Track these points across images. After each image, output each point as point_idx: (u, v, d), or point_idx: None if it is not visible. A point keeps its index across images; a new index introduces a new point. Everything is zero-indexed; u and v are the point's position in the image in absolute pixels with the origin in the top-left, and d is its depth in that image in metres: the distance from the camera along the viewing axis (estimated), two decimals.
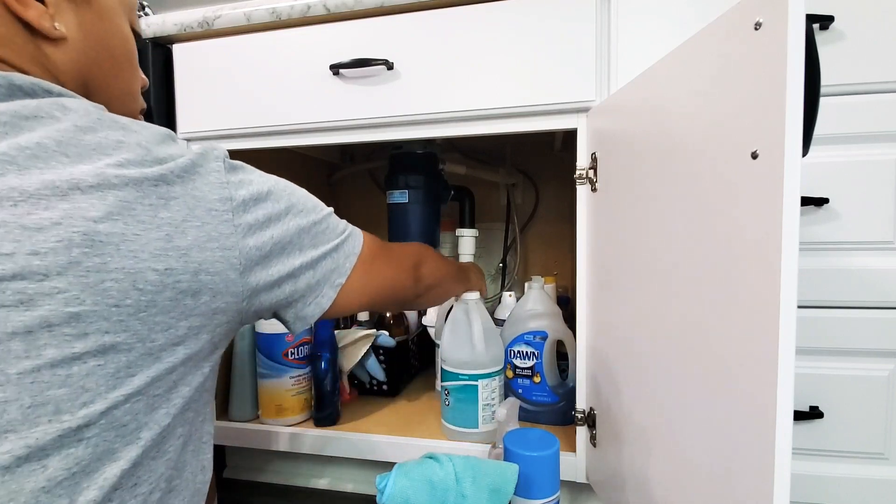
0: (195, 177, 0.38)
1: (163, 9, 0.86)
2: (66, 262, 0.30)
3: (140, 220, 0.34)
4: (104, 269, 0.32)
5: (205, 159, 0.40)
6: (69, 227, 0.31)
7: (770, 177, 0.34)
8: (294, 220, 0.45)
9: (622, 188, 0.59)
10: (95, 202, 0.32)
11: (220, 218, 0.38)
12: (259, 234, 0.41)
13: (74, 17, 0.40)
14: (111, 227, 0.32)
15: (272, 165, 1.06)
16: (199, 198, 0.37)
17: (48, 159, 0.32)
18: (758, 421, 0.36)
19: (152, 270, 0.34)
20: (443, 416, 0.80)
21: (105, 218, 0.32)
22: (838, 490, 0.68)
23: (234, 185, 0.40)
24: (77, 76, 0.41)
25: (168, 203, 0.35)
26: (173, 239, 0.35)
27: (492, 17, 0.70)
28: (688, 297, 0.45)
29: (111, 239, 0.32)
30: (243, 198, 0.40)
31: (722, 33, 0.40)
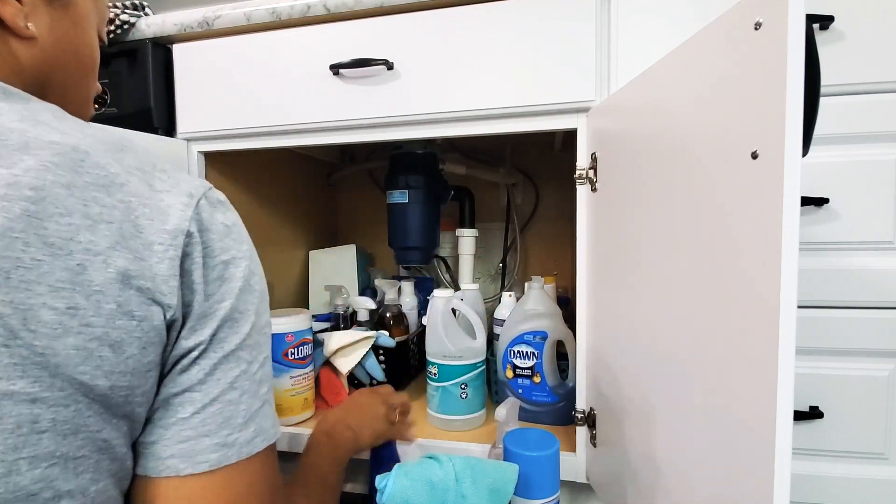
0: (145, 204, 0.33)
1: (163, 9, 0.86)
2: None
3: (48, 243, 0.28)
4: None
5: (175, 182, 0.36)
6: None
7: (770, 177, 0.34)
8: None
9: (622, 188, 0.59)
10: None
11: (164, 254, 0.33)
12: (220, 293, 0.36)
13: (49, 19, 0.39)
14: (4, 248, 0.27)
15: (272, 165, 1.07)
16: (143, 227, 0.32)
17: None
18: (758, 421, 0.36)
19: (49, 308, 0.28)
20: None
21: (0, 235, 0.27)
22: (838, 490, 0.68)
23: (200, 234, 0.35)
24: (36, 76, 0.39)
25: (95, 225, 0.30)
26: (86, 270, 0.29)
27: (492, 17, 0.70)
28: (688, 297, 0.45)
29: (2, 264, 0.27)
30: (204, 248, 0.35)
31: (722, 33, 0.40)
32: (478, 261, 1.23)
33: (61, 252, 0.29)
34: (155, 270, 0.32)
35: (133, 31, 0.81)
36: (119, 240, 0.31)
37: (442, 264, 1.24)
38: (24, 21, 0.37)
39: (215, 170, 0.89)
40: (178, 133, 0.84)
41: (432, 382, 0.84)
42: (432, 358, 0.83)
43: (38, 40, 0.39)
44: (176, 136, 0.84)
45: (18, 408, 0.27)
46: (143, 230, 0.32)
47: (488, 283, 1.27)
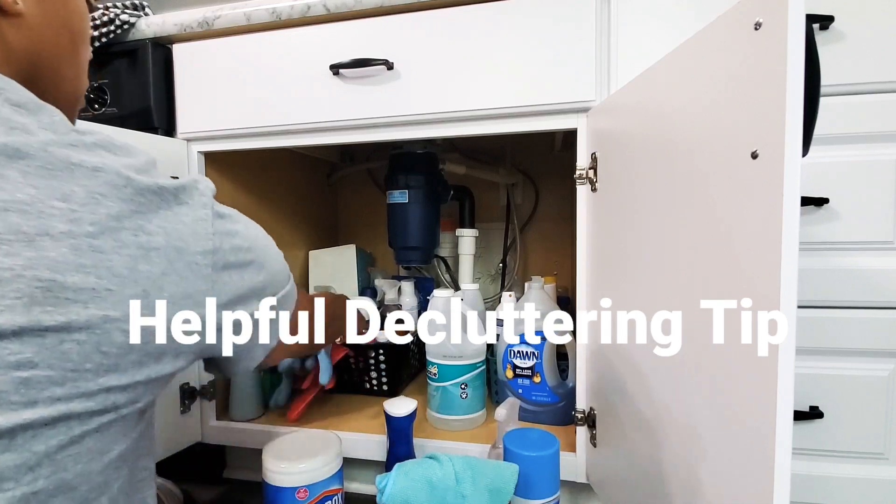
0: (179, 223, 0.34)
1: (163, 9, 0.86)
2: (25, 322, 0.27)
3: (116, 274, 0.30)
4: (66, 328, 0.28)
5: (190, 197, 0.36)
6: (31, 281, 0.27)
7: (770, 177, 0.34)
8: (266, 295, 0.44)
9: (622, 188, 0.59)
10: (65, 250, 0.28)
11: (199, 273, 0.35)
12: (231, 284, 0.39)
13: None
14: (82, 281, 0.28)
15: (272, 165, 1.07)
16: (182, 249, 0.34)
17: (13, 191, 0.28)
18: (758, 421, 0.36)
19: (121, 331, 0.30)
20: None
21: (75, 270, 0.28)
22: (838, 490, 0.68)
23: (220, 235, 0.37)
24: (27, 56, 0.36)
25: (148, 254, 0.32)
26: (150, 295, 0.31)
27: (492, 18, 0.70)
28: (688, 297, 0.45)
29: (79, 296, 0.28)
30: (227, 252, 0.37)
31: (722, 33, 0.40)
32: (478, 261, 1.23)
33: (128, 280, 0.31)
34: (197, 286, 0.35)
35: (133, 31, 0.81)
36: (168, 265, 0.33)
37: (442, 264, 1.24)
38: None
39: (215, 170, 0.89)
40: (178, 133, 0.84)
41: (432, 382, 0.84)
42: (432, 358, 0.83)
43: (25, 16, 0.36)
44: (176, 136, 0.84)
45: (70, 423, 0.29)
46: (182, 253, 0.34)
47: (488, 283, 1.27)
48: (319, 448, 0.65)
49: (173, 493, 0.80)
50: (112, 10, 0.81)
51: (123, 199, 0.31)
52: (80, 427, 0.30)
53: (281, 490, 0.62)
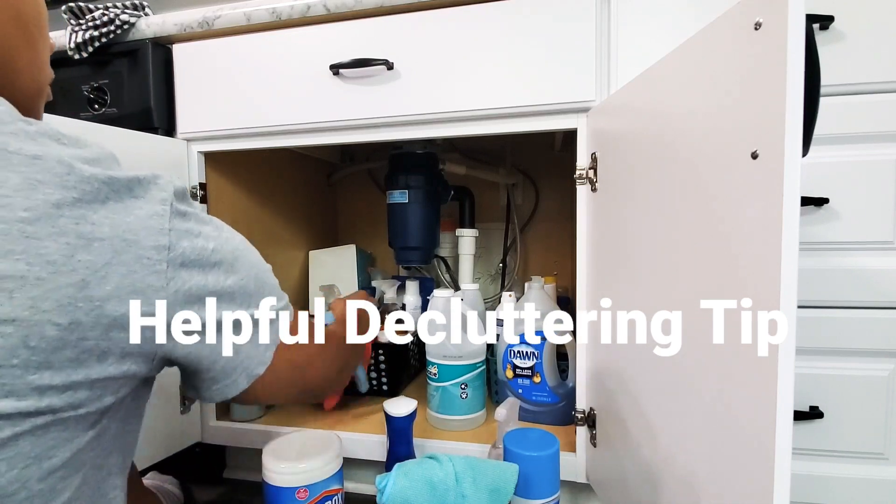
0: (129, 216, 0.32)
1: (163, 9, 0.86)
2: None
3: (50, 262, 0.28)
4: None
5: (146, 191, 0.33)
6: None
7: (770, 177, 0.34)
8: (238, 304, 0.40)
9: (622, 188, 0.59)
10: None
11: (151, 268, 0.32)
12: (190, 283, 0.35)
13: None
14: (9, 268, 0.27)
15: (272, 165, 1.07)
16: (132, 241, 0.31)
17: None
18: (758, 421, 0.36)
19: (53, 325, 0.28)
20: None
21: (3, 256, 0.27)
22: (838, 490, 0.68)
23: (179, 233, 0.34)
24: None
25: (90, 244, 0.30)
26: (88, 287, 0.29)
27: (492, 18, 0.70)
28: (688, 296, 0.45)
29: (5, 284, 0.27)
30: (186, 251, 0.35)
31: (722, 33, 0.40)
32: (478, 261, 1.23)
33: (63, 269, 0.29)
34: (147, 282, 0.33)
35: (133, 31, 0.81)
36: (113, 256, 0.31)
37: (442, 264, 1.24)
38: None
39: (215, 170, 0.89)
40: (178, 133, 0.84)
41: (432, 382, 0.84)
42: (432, 358, 0.83)
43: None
44: (176, 136, 0.84)
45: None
46: (132, 244, 0.32)
47: (488, 283, 1.27)
48: (319, 448, 0.65)
49: (173, 494, 0.80)
50: (112, 10, 0.81)
51: (65, 186, 0.29)
52: (11, 429, 0.28)
53: (281, 490, 0.62)
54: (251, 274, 0.41)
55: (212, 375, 0.41)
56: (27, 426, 0.29)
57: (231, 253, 0.39)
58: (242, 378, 0.42)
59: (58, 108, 0.78)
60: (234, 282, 0.39)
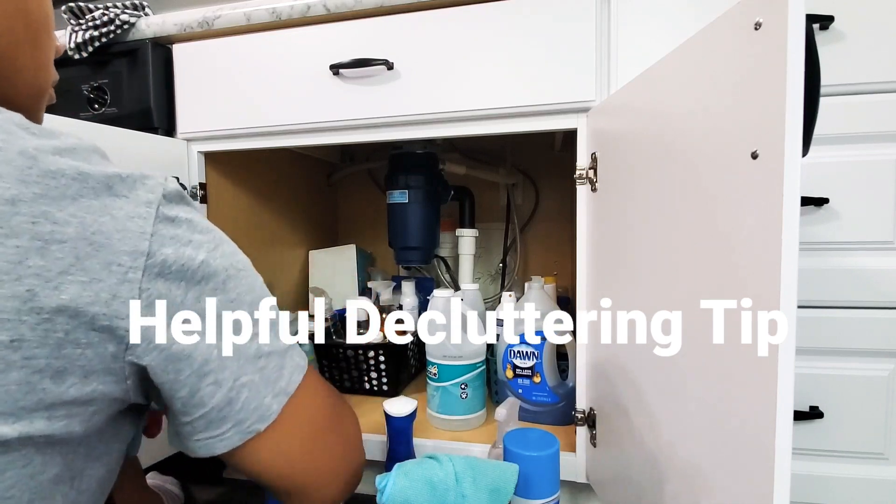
0: (104, 216, 0.28)
1: (163, 9, 0.86)
2: None
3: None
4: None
5: (130, 191, 0.29)
6: None
7: (770, 177, 0.34)
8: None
9: (622, 188, 0.59)
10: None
11: (121, 276, 0.28)
12: (177, 300, 0.31)
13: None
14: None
15: (272, 165, 1.07)
16: (100, 245, 0.27)
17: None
18: (758, 421, 0.36)
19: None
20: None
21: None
22: (838, 490, 0.68)
23: (163, 238, 0.30)
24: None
25: (46, 247, 0.26)
26: (36, 297, 0.25)
27: (492, 18, 0.70)
28: (688, 297, 0.45)
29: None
30: (169, 259, 0.30)
31: (722, 33, 0.40)
32: (478, 261, 1.23)
33: (7, 278, 0.25)
34: (114, 291, 0.28)
35: (133, 31, 0.81)
36: (73, 261, 0.27)
37: (442, 264, 1.24)
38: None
39: (215, 170, 0.89)
40: (178, 133, 0.84)
41: (432, 382, 0.84)
42: (432, 358, 0.83)
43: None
44: (176, 136, 0.84)
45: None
46: (100, 248, 0.28)
47: (488, 283, 1.27)
48: None
49: (173, 493, 0.80)
50: (112, 10, 0.81)
51: (24, 180, 0.26)
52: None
53: None
54: (245, 300, 0.35)
55: (191, 420, 0.34)
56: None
57: (224, 270, 0.34)
58: (233, 434, 0.35)
59: (58, 108, 0.78)
60: (226, 300, 0.34)
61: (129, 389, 0.31)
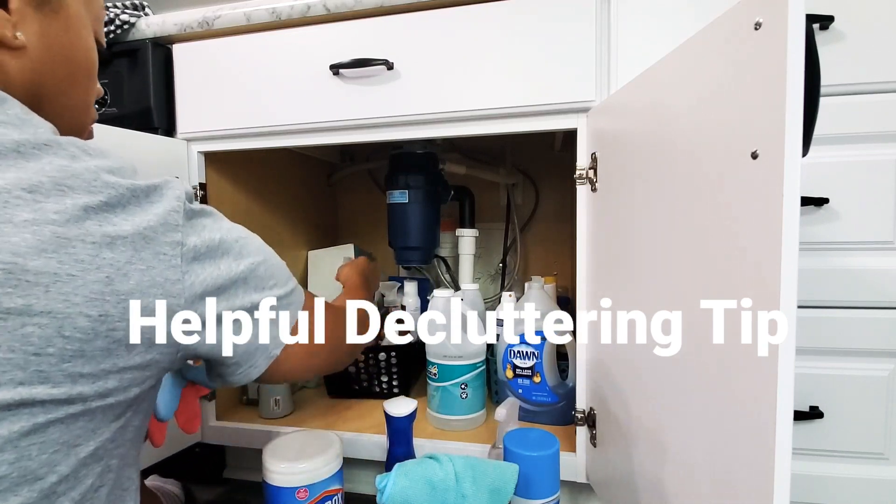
0: (148, 216, 0.35)
1: (163, 9, 0.86)
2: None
3: (78, 260, 0.31)
4: (27, 311, 0.29)
5: (161, 196, 0.37)
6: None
7: (770, 177, 0.34)
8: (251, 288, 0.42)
9: (622, 188, 0.59)
10: (28, 236, 0.29)
11: (168, 263, 0.35)
12: (204, 274, 0.38)
13: (38, 26, 0.38)
14: (43, 264, 0.30)
15: (272, 165, 1.07)
16: (149, 238, 0.34)
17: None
18: (758, 421, 0.36)
19: (84, 316, 0.31)
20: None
21: (37, 254, 0.29)
22: (838, 490, 0.68)
23: (189, 227, 0.37)
24: (28, 86, 0.38)
25: (113, 242, 0.33)
26: (114, 282, 0.32)
27: (492, 17, 0.70)
28: (687, 297, 0.45)
29: (41, 279, 0.29)
30: (197, 244, 0.38)
31: (722, 33, 0.40)
32: (478, 261, 1.23)
33: (90, 266, 0.32)
34: (166, 276, 0.35)
35: (133, 31, 0.81)
36: (133, 254, 0.34)
37: (442, 264, 1.24)
38: (12, 31, 0.36)
39: (215, 170, 0.89)
40: (178, 133, 0.84)
41: (432, 382, 0.84)
42: (432, 358, 0.83)
43: (27, 49, 0.38)
44: (176, 136, 0.84)
45: (34, 410, 0.30)
46: (150, 241, 0.35)
47: (488, 283, 1.27)
48: (319, 448, 0.65)
49: (173, 494, 0.80)
50: (112, 10, 0.81)
51: (91, 191, 0.32)
52: (45, 415, 0.30)
53: (281, 490, 0.62)
54: (258, 259, 0.44)
55: (234, 361, 0.44)
56: (60, 414, 0.31)
57: (235, 241, 0.42)
58: (262, 360, 0.45)
59: None
60: (246, 267, 0.42)
61: (176, 360, 0.39)
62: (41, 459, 0.30)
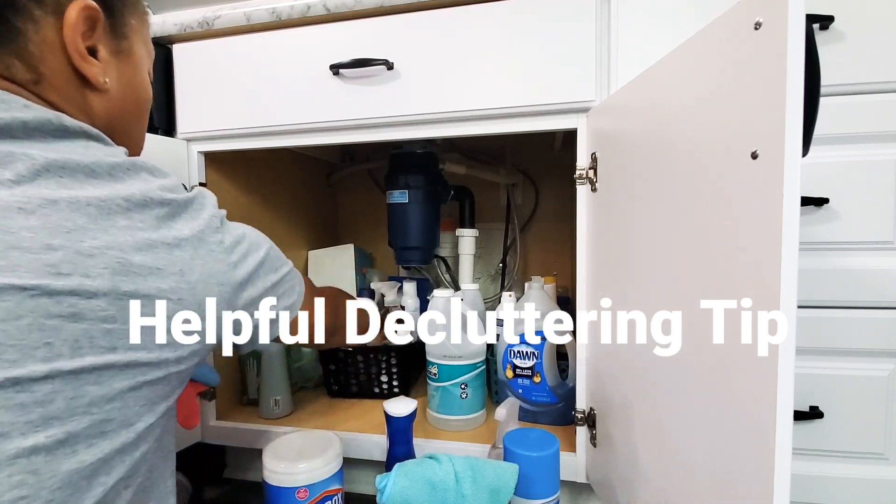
0: (198, 220, 0.43)
1: (163, 9, 0.86)
2: (109, 286, 0.35)
3: (160, 256, 0.38)
4: (135, 294, 0.36)
5: (202, 206, 0.44)
6: (112, 258, 0.36)
7: (770, 177, 0.34)
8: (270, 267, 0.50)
9: (622, 188, 0.59)
10: (128, 237, 0.37)
11: (217, 258, 0.43)
12: (242, 265, 0.46)
13: (116, 71, 0.45)
14: (141, 259, 0.37)
15: (272, 165, 1.07)
16: (201, 239, 0.42)
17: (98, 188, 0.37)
18: (758, 421, 0.36)
19: (168, 299, 0.38)
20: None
21: (136, 251, 0.37)
22: (838, 490, 0.68)
23: (225, 229, 0.45)
24: (107, 121, 0.45)
25: (180, 244, 0.40)
26: (185, 274, 0.40)
27: (492, 17, 0.70)
28: (688, 297, 0.45)
29: (141, 270, 0.37)
30: (232, 241, 0.46)
31: (722, 33, 0.40)
32: (478, 261, 1.23)
33: (168, 261, 0.39)
34: (217, 267, 0.43)
35: None
36: (194, 251, 0.41)
37: (442, 264, 1.24)
38: (102, 77, 0.43)
39: (215, 170, 0.89)
40: (178, 133, 0.84)
41: (432, 382, 0.84)
42: (432, 358, 0.83)
43: (109, 91, 0.44)
44: (176, 136, 0.84)
45: (141, 369, 0.37)
46: (203, 241, 0.42)
47: (488, 283, 1.27)
48: (319, 448, 0.65)
49: (182, 484, 0.80)
50: None
51: (162, 204, 0.40)
52: (142, 376, 0.37)
53: (281, 490, 0.62)
54: (266, 245, 0.51)
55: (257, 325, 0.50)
56: (151, 376, 0.38)
57: (247, 235, 0.48)
58: (285, 317, 0.53)
59: None
60: (264, 252, 0.49)
61: (222, 332, 0.45)
62: (136, 410, 0.37)
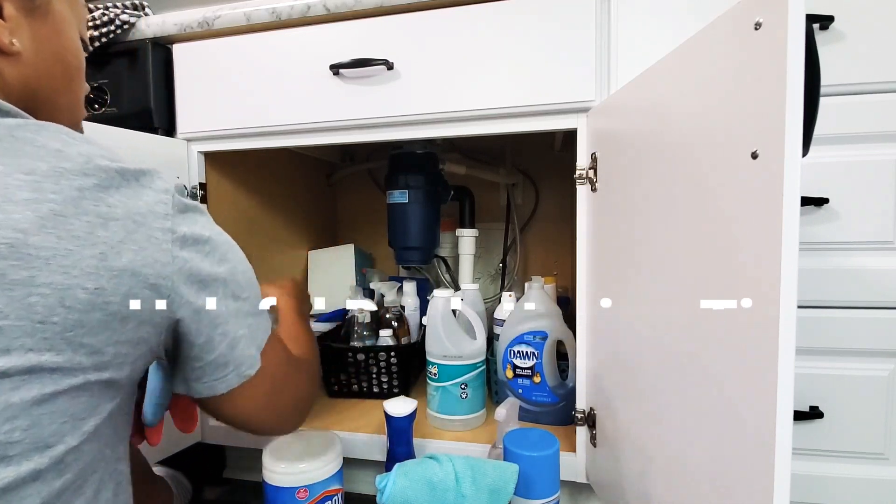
0: (138, 201, 0.37)
1: (163, 9, 0.86)
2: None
3: (75, 236, 0.33)
4: (31, 283, 0.31)
5: (151, 182, 0.38)
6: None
7: (770, 177, 0.34)
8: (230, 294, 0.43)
9: (622, 188, 0.59)
10: (29, 213, 0.31)
11: (159, 246, 0.37)
12: (193, 267, 0.40)
13: (30, 31, 0.40)
14: (44, 241, 0.32)
15: (272, 165, 1.07)
16: (140, 223, 0.36)
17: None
18: (758, 421, 0.36)
19: (82, 289, 0.33)
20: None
21: (37, 230, 0.31)
22: (838, 490, 0.68)
23: (178, 218, 0.39)
24: (24, 90, 0.40)
25: (107, 223, 0.35)
26: (108, 259, 0.34)
27: (492, 18, 0.70)
28: (688, 297, 0.45)
29: (42, 253, 0.31)
30: (186, 234, 0.39)
31: (722, 33, 0.40)
32: (478, 261, 1.23)
33: (86, 243, 0.33)
34: (156, 257, 0.37)
35: (133, 31, 0.81)
36: (126, 235, 0.35)
37: (442, 264, 1.24)
38: (8, 38, 0.38)
39: (215, 170, 0.89)
40: (178, 133, 0.84)
41: (432, 382, 0.84)
42: (432, 358, 0.83)
43: (21, 55, 0.39)
44: (176, 136, 0.84)
45: (42, 375, 0.32)
46: (141, 225, 0.37)
47: (488, 283, 1.27)
48: (319, 448, 0.65)
49: (183, 484, 0.80)
50: (112, 10, 0.81)
51: (85, 173, 0.34)
52: (53, 385, 0.32)
53: (281, 490, 0.62)
54: (239, 269, 0.45)
55: (203, 365, 0.43)
56: (64, 385, 0.33)
57: (222, 245, 0.43)
58: (234, 376, 0.44)
59: None
60: (226, 270, 0.43)
61: (162, 343, 0.40)
62: (51, 429, 0.32)
